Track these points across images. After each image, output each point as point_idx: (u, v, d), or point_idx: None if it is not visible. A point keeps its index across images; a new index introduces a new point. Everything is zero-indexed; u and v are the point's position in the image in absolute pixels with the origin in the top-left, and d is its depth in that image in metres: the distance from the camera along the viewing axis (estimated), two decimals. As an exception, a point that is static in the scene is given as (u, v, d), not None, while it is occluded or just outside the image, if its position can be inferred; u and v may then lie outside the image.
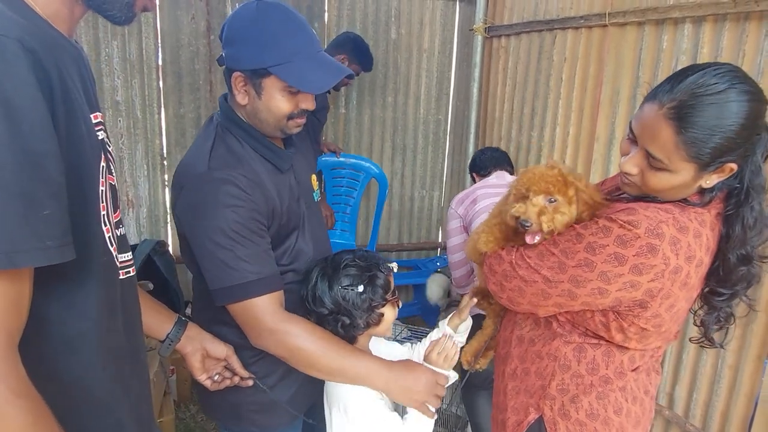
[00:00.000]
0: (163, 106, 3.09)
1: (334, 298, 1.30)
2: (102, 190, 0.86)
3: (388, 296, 1.34)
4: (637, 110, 1.08)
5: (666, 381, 2.24)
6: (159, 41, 3.01)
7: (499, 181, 2.49)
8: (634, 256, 1.03)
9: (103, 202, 0.87)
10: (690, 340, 1.28)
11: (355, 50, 2.89)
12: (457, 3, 3.57)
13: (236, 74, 1.25)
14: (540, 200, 1.15)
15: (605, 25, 2.45)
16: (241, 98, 1.28)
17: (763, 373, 1.89)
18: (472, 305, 1.45)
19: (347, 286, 1.30)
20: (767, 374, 1.86)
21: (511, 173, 2.63)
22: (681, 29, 2.12)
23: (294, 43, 1.22)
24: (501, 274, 1.21)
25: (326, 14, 3.27)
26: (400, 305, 1.41)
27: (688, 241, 1.04)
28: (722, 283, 1.11)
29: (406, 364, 1.34)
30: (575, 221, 1.16)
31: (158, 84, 3.06)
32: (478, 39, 3.39)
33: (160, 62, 3.03)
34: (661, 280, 1.04)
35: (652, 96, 1.05)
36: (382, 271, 1.33)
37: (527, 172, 1.20)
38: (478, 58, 3.42)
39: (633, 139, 1.09)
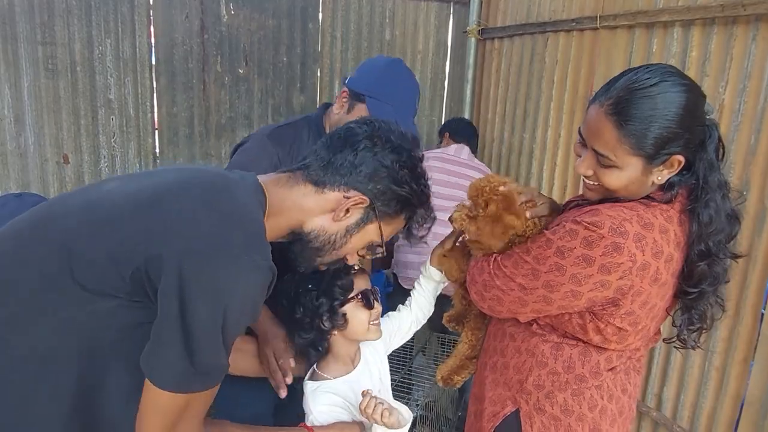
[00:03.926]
0: (156, 104, 3.09)
1: (296, 306, 1.28)
2: None
3: (350, 296, 1.28)
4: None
5: (654, 382, 2.25)
6: (152, 40, 3.01)
7: (456, 154, 2.81)
8: (600, 256, 1.05)
9: None
10: (664, 340, 1.29)
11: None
12: (451, 5, 3.58)
13: (345, 89, 1.60)
14: (466, 206, 1.27)
15: (596, 28, 2.47)
16: (338, 107, 1.62)
17: (748, 375, 1.90)
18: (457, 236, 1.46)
19: (304, 291, 1.27)
20: (753, 376, 1.87)
21: (473, 150, 2.95)
22: (670, 33, 2.13)
23: (395, 94, 1.55)
24: (481, 284, 1.24)
25: (320, 15, 3.28)
26: (375, 306, 1.33)
27: (654, 237, 1.06)
28: (687, 281, 1.12)
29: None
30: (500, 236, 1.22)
31: (151, 83, 3.06)
32: (472, 41, 3.41)
33: (153, 61, 3.03)
34: (630, 277, 1.06)
35: (593, 99, 1.10)
36: (341, 270, 1.28)
37: (475, 186, 1.28)
38: (471, 60, 3.44)
39: (583, 143, 1.14)
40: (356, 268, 1.32)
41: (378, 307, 1.34)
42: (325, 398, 1.27)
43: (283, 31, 3.20)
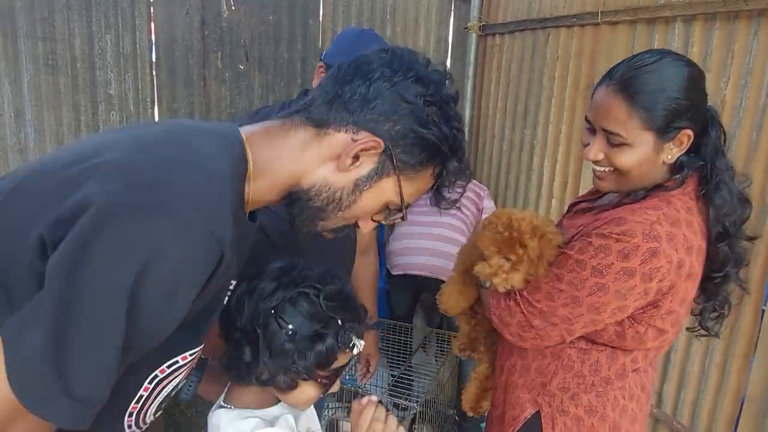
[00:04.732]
0: (156, 100, 3.09)
1: (255, 315, 0.93)
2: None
3: (318, 372, 0.96)
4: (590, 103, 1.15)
5: (654, 380, 2.24)
6: (153, 36, 3.00)
7: None
8: (640, 265, 1.04)
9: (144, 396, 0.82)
10: (687, 329, 1.28)
11: None
12: (452, 1, 3.57)
13: (321, 63, 1.61)
14: (496, 261, 1.16)
15: (597, 24, 2.46)
16: (316, 82, 1.60)
17: (749, 371, 1.89)
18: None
19: (281, 317, 0.92)
20: (753, 372, 1.86)
21: None
22: (672, 28, 2.12)
23: None
24: (516, 326, 1.18)
25: (321, 11, 3.27)
26: (334, 389, 1.04)
27: (683, 233, 1.06)
28: (712, 266, 1.13)
29: None
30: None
31: (152, 78, 3.05)
32: (473, 37, 3.40)
33: (153, 57, 3.02)
34: (669, 277, 1.06)
35: (597, 84, 1.14)
36: (337, 341, 0.95)
37: (483, 233, 1.20)
38: (472, 57, 3.43)
39: (591, 129, 1.14)
40: (354, 351, 0.99)
41: (335, 389, 1.06)
42: (250, 424, 0.98)
43: (283, 27, 3.20)
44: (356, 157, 0.82)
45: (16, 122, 2.83)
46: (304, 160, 0.83)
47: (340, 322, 0.95)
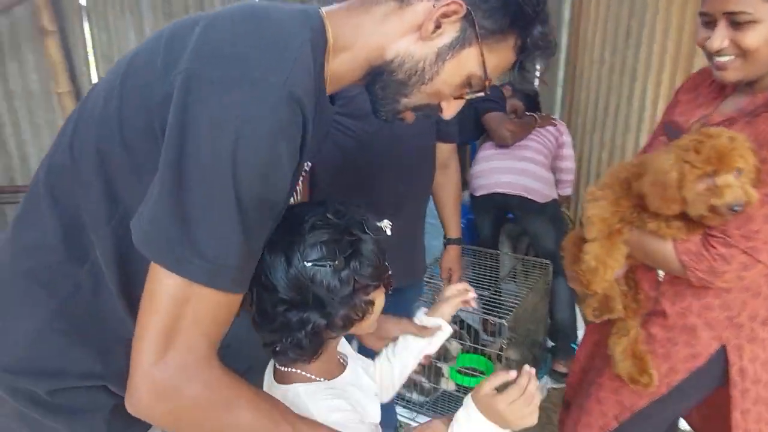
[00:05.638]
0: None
1: (295, 279, 0.83)
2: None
3: (384, 271, 0.90)
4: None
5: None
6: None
7: None
8: None
9: None
10: None
11: None
12: None
13: None
14: (731, 179, 1.05)
15: (710, -74, 2.23)
16: None
17: None
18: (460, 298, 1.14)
19: (318, 260, 0.83)
20: None
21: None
22: None
23: None
24: (736, 269, 1.12)
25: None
26: (392, 287, 0.95)
27: None
28: None
29: None
30: None
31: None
32: (573, -44, 3.21)
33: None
34: None
35: None
36: (368, 233, 0.87)
37: (708, 149, 1.07)
38: (571, -23, 3.25)
39: (707, 22, 1.15)
40: (387, 231, 0.94)
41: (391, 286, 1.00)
42: (332, 403, 0.92)
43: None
44: (438, 26, 0.80)
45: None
46: (386, 31, 0.82)
47: (356, 219, 0.89)
